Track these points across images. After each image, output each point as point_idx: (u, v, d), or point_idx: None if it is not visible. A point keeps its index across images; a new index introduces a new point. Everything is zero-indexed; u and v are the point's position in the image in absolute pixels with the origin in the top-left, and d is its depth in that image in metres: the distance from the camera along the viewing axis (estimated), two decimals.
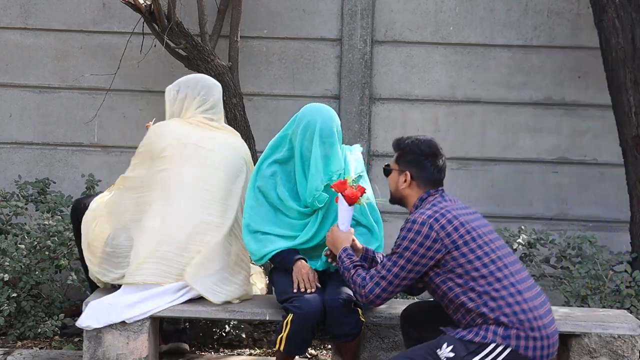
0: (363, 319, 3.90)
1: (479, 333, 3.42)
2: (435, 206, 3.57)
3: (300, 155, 4.05)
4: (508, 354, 3.41)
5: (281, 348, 3.84)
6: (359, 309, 3.88)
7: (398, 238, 3.57)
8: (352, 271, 3.64)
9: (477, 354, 3.41)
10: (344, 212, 3.83)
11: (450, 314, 3.57)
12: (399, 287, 3.57)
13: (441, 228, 3.49)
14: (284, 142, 4.15)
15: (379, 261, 3.89)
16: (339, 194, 3.82)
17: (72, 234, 4.99)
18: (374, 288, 3.54)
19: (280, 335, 3.83)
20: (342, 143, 4.18)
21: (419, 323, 3.81)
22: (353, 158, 4.17)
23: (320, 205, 4.03)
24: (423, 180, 3.67)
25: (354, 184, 3.84)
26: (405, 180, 3.68)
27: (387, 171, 3.78)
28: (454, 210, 3.56)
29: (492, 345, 3.41)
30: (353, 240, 3.85)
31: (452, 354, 3.41)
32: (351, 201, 3.81)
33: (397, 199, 3.76)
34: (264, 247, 4.06)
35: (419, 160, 3.67)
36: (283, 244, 4.06)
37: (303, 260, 4.02)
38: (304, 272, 3.96)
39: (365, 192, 3.86)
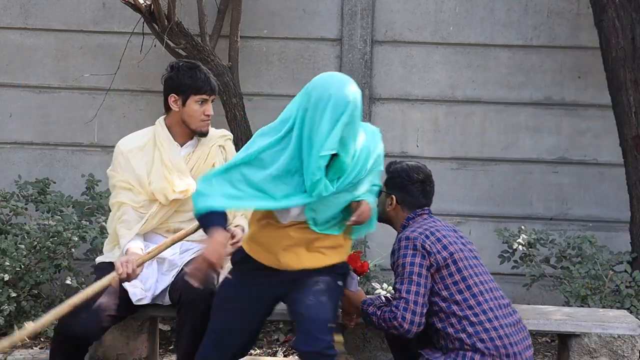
0: (337, 342, 3.44)
1: (456, 359, 3.45)
2: (424, 225, 3.61)
3: (305, 134, 3.41)
4: None
5: None
6: (334, 334, 3.45)
7: (394, 263, 3.58)
8: (379, 312, 3.59)
9: None
10: (353, 280, 3.79)
11: (430, 335, 3.58)
12: (424, 305, 3.50)
13: (431, 245, 3.53)
14: (284, 125, 3.54)
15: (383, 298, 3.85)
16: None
17: (71, 233, 4.99)
18: (404, 315, 3.48)
19: None
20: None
21: None
22: (375, 154, 3.56)
23: (326, 194, 3.41)
24: (408, 205, 3.70)
25: (362, 258, 3.83)
26: (390, 204, 3.71)
27: (377, 192, 3.78)
28: (441, 231, 3.60)
29: None
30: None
31: None
32: (361, 273, 3.84)
33: (384, 219, 3.77)
34: (206, 199, 3.46)
35: (405, 185, 3.70)
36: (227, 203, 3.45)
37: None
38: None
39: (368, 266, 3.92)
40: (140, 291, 3.82)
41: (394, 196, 3.70)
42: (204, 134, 3.99)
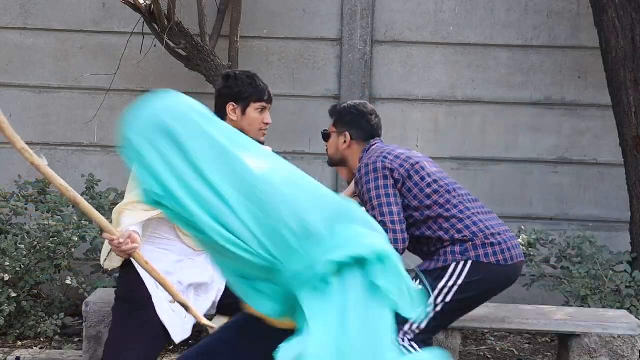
0: None
1: (438, 259, 3.59)
2: (379, 150, 3.76)
3: None
4: (470, 266, 3.56)
5: None
6: None
7: (360, 193, 3.70)
8: None
9: (442, 278, 3.56)
10: None
11: (417, 251, 3.73)
12: (402, 221, 3.59)
13: (392, 161, 3.67)
14: None
15: None
16: None
17: (71, 233, 4.99)
18: (391, 237, 3.48)
19: None
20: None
21: None
22: None
23: None
24: (361, 138, 3.86)
25: None
26: (345, 141, 3.86)
27: (325, 136, 3.96)
28: (397, 150, 3.76)
29: (453, 265, 3.56)
30: None
31: (419, 287, 3.35)
32: None
33: (337, 160, 3.92)
34: None
35: (356, 120, 3.86)
36: None
37: None
38: None
39: None
40: (183, 330, 3.67)
41: (347, 132, 3.85)
42: (261, 143, 3.98)
